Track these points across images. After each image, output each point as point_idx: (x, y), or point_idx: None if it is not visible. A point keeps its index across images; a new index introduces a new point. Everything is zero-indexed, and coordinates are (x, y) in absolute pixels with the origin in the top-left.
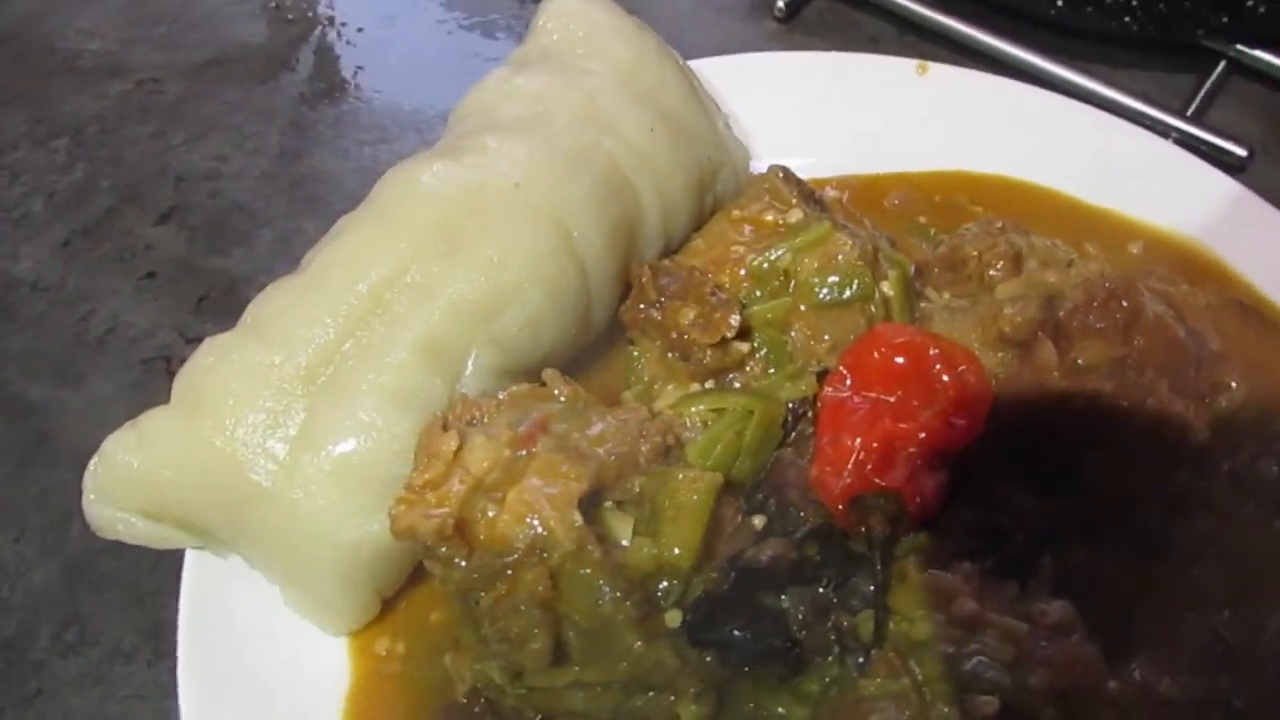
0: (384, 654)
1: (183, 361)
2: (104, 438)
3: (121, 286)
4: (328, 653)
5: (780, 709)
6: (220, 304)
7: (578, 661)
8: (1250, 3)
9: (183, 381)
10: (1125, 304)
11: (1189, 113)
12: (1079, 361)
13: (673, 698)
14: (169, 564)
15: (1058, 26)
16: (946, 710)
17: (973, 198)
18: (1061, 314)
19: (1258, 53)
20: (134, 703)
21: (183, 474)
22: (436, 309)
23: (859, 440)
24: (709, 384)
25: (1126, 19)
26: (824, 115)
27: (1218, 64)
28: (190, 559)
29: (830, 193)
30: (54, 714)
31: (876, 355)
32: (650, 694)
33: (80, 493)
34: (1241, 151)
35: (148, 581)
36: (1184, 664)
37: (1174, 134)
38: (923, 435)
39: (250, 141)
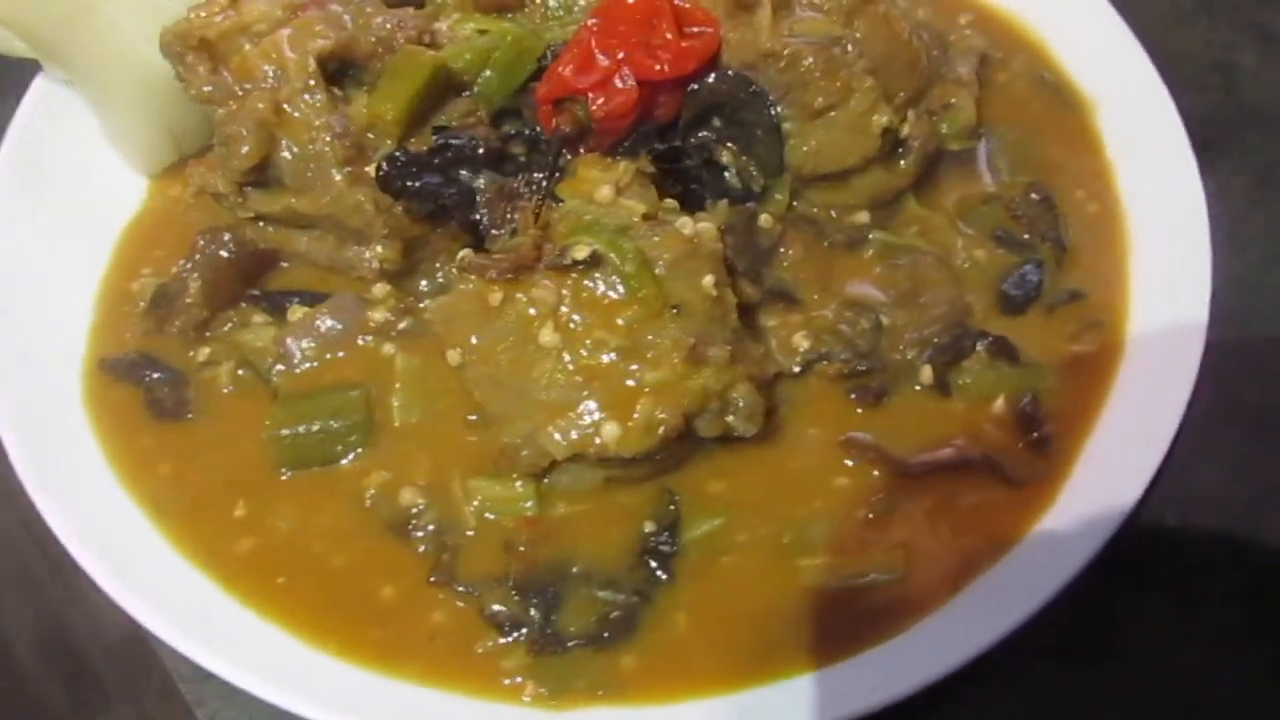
0: (175, 195)
1: None
2: None
3: None
4: (130, 187)
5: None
6: None
7: (291, 190)
8: None
9: None
10: None
11: None
12: (792, 29)
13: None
14: None
15: None
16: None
17: None
18: None
19: None
20: None
21: None
22: None
23: (568, 56)
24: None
25: None
26: None
27: None
28: (35, 86)
29: None
30: None
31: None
32: (357, 246)
33: None
34: None
35: None
36: (829, 325)
37: None
38: (621, 55)
39: None
